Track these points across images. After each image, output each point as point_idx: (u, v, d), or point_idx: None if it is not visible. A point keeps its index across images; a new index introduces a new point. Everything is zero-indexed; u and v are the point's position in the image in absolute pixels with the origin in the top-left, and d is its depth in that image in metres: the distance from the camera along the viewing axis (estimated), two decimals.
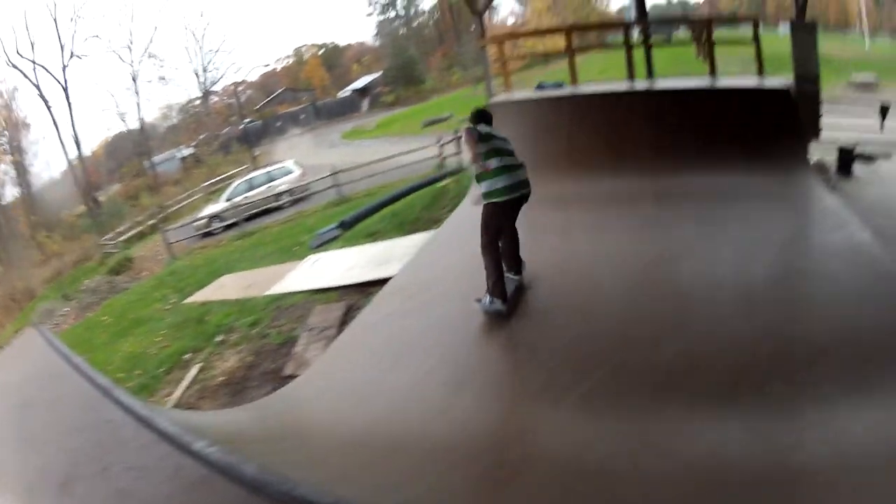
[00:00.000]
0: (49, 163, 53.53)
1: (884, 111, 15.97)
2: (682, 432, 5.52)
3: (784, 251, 8.79)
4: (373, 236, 16.00)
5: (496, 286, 7.71)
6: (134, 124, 54.62)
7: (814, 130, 12.94)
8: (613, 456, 5.36)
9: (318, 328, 10.96)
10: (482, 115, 8.39)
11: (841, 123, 16.42)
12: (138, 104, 54.69)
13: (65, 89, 48.36)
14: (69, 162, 49.67)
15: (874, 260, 8.09)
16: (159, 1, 76.69)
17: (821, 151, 13.99)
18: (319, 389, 7.63)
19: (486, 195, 7.69)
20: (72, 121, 49.30)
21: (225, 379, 10.44)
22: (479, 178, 7.75)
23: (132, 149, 53.50)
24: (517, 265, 8.35)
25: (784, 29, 16.93)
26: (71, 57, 48.41)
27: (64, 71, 48.32)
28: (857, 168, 13.67)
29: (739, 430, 5.38)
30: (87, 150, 52.49)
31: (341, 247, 15.94)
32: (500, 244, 7.92)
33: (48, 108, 48.31)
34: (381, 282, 10.74)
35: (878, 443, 5.09)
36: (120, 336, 15.46)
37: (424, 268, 10.33)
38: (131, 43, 52.46)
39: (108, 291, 24.82)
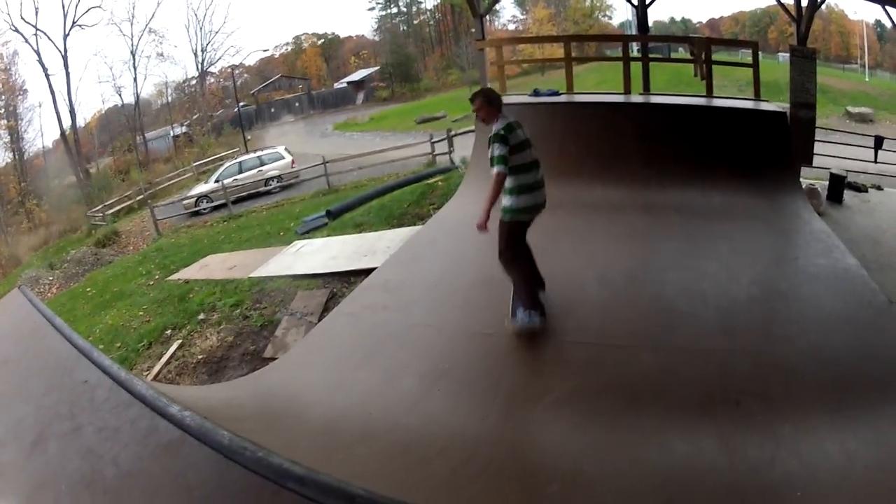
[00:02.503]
0: (42, 130, 53.16)
1: (878, 143, 16.26)
2: (655, 443, 5.53)
3: (767, 272, 8.89)
4: (359, 227, 15.97)
5: (531, 298, 7.28)
6: (129, 99, 54.39)
7: (807, 156, 12.96)
8: (585, 460, 5.38)
9: (300, 313, 10.99)
10: (498, 102, 7.39)
11: (834, 152, 16.57)
12: (135, 79, 54.41)
13: (64, 58, 48.23)
14: (62, 131, 49.36)
15: (858, 287, 8.18)
16: None
17: (812, 178, 14.21)
18: (295, 374, 7.60)
19: (511, 211, 7.21)
20: (68, 90, 49.12)
21: (204, 357, 10.43)
22: (506, 193, 7.17)
23: (125, 123, 53.24)
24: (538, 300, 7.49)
25: (784, 56, 17.01)
26: (72, 26, 48.20)
27: (65, 39, 48.21)
28: (848, 196, 13.83)
29: (713, 444, 5.41)
30: (81, 121, 52.32)
31: (327, 235, 15.94)
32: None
33: (46, 75, 48.11)
34: (364, 272, 10.81)
35: (853, 464, 5.15)
36: (102, 308, 15.49)
37: (407, 262, 10.32)
38: (133, 17, 52.35)
39: (93, 263, 24.81)
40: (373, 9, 72.85)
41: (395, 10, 72.94)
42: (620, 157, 11.68)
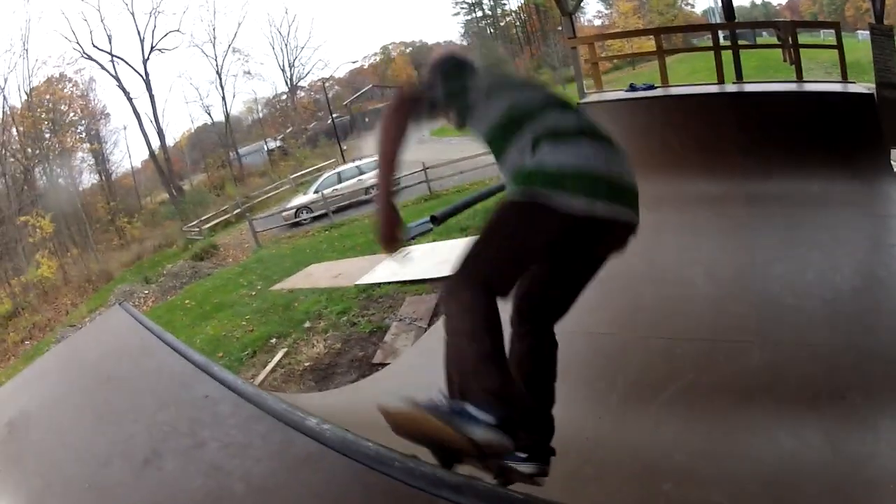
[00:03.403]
0: (130, 152, 54.34)
1: None
2: (764, 439, 5.20)
3: (867, 260, 8.56)
4: (465, 231, 16.07)
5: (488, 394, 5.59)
6: (219, 117, 55.35)
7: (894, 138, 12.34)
8: (698, 458, 5.09)
9: (409, 319, 10.91)
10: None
11: None
12: (223, 97, 55.38)
13: (146, 81, 49.08)
14: (151, 151, 50.42)
15: None
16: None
17: None
18: (411, 378, 7.17)
19: (541, 178, 6.17)
20: (154, 112, 50.03)
21: (311, 364, 10.40)
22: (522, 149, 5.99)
23: (217, 140, 54.20)
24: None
25: (863, 34, 16.52)
26: (151, 50, 49.15)
27: (145, 64, 49.02)
28: None
29: (818, 440, 5.13)
30: (170, 141, 53.43)
31: (433, 241, 15.96)
32: None
33: (129, 99, 49.10)
34: None
35: None
36: (202, 319, 15.62)
37: None
38: (214, 38, 53.09)
39: (190, 276, 25.21)
40: (457, 14, 73.58)
41: (479, 13, 73.36)
42: (720, 149, 11.17)
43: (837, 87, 12.96)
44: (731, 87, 13.69)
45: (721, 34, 15.81)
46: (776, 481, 4.71)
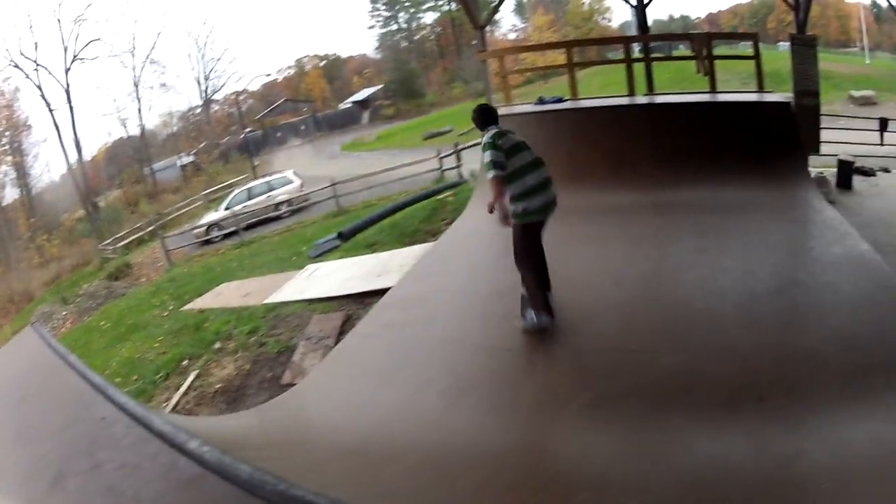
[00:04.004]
0: (49, 165, 53.44)
1: (883, 125, 16.53)
2: (682, 444, 5.49)
3: (784, 263, 8.92)
4: (371, 247, 16.04)
5: (538, 300, 7.49)
6: (135, 130, 54.76)
7: (814, 144, 12.96)
8: (613, 467, 5.35)
9: (316, 337, 10.96)
10: (490, 114, 7.81)
11: (841, 138, 16.77)
12: (139, 110, 55.30)
13: (67, 92, 48.70)
14: (69, 165, 49.70)
15: (874, 271, 8.20)
16: (162, 6, 77.47)
17: (821, 165, 14.36)
18: (317, 398, 7.60)
19: (521, 216, 7.38)
20: (73, 124, 49.50)
21: (222, 386, 10.47)
22: (514, 199, 7.35)
23: (132, 155, 53.54)
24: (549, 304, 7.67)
25: (784, 46, 17.10)
26: (73, 59, 48.61)
27: (66, 73, 48.68)
28: (857, 181, 13.99)
29: (740, 441, 5.36)
30: (87, 155, 52.64)
31: (340, 257, 15.99)
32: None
33: (50, 110, 48.45)
34: (379, 293, 10.74)
35: (881, 452, 5.09)
36: (118, 341, 15.53)
37: (422, 279, 10.32)
38: (133, 48, 53.16)
39: (106, 296, 24.89)
40: (373, 27, 74.10)
41: (395, 26, 74.08)
42: (630, 160, 11.75)
43: (753, 97, 13.79)
44: (641, 99, 14.27)
45: (636, 48, 16.24)
46: (697, 486, 5.00)
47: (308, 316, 11.96)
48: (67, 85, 48.69)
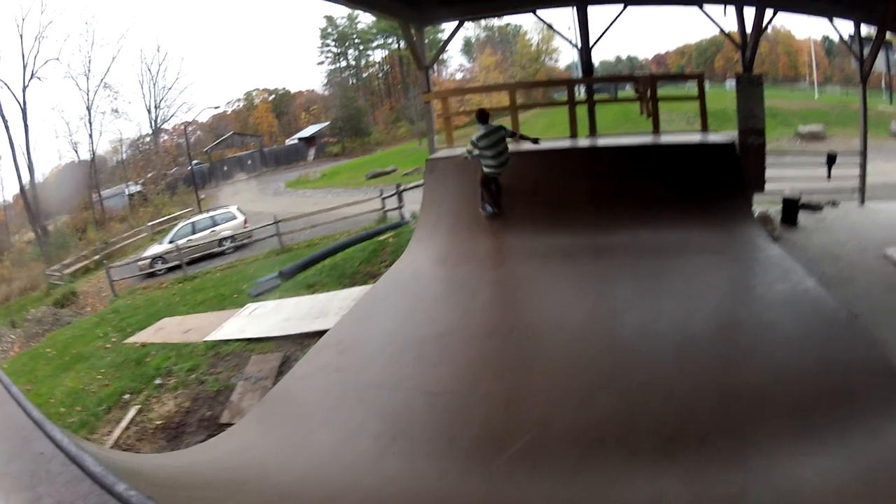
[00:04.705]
0: (3, 185, 52.34)
1: (830, 160, 16.77)
2: (618, 488, 5.51)
3: (725, 303, 9.04)
4: (311, 288, 16.18)
5: (492, 200, 12.11)
6: (85, 155, 53.75)
7: (759, 183, 13.28)
8: None
9: (255, 378, 11.08)
10: (481, 116, 12.09)
11: (787, 174, 17.30)
12: (91, 135, 53.80)
13: (23, 110, 46.98)
14: (22, 186, 48.58)
15: (819, 306, 8.37)
16: (119, 29, 76.41)
17: (767, 202, 14.62)
18: (254, 440, 7.42)
19: (484, 173, 11.91)
20: (27, 144, 48.07)
21: (163, 423, 10.46)
22: (483, 165, 11.91)
23: (82, 180, 52.61)
24: (499, 204, 12.20)
25: (732, 84, 17.38)
26: (31, 77, 47.39)
27: (24, 91, 47.09)
28: (804, 217, 14.22)
29: (679, 485, 5.36)
30: (39, 176, 51.60)
31: (280, 297, 16.08)
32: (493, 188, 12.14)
33: (6, 127, 47.35)
34: (318, 334, 10.79)
35: (828, 487, 5.16)
36: (63, 370, 15.40)
37: (359, 322, 10.11)
38: (89, 71, 51.39)
39: (52, 323, 24.57)
40: (322, 63, 73.01)
41: (343, 63, 73.10)
42: (570, 203, 11.82)
43: (696, 138, 14.05)
44: (582, 142, 14.49)
45: (582, 89, 16.48)
46: None
47: (247, 355, 12.07)
48: (24, 103, 47.17)
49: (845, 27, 17.18)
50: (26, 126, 47.98)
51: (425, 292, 10.54)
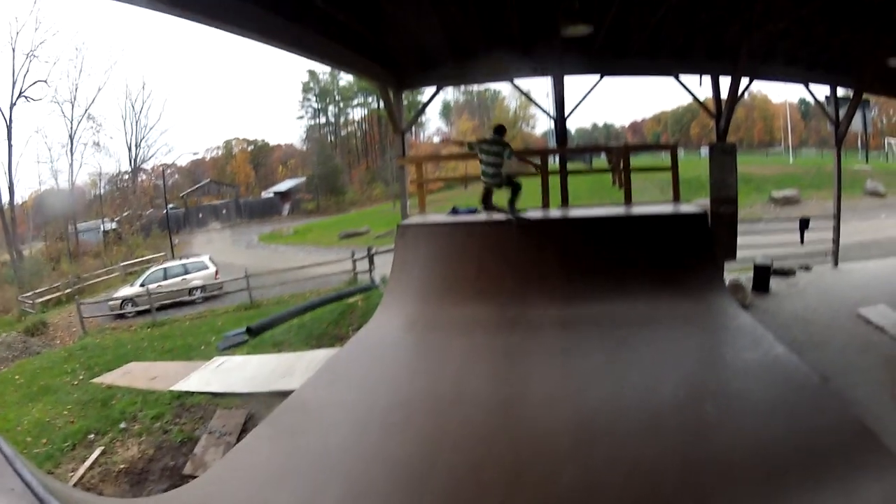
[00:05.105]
0: None
1: (803, 225, 16.84)
2: None
3: (694, 374, 8.84)
4: (278, 346, 16.24)
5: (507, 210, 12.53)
6: (64, 184, 53.19)
7: (730, 251, 13.45)
8: None
9: (219, 432, 11.18)
10: (496, 130, 12.69)
11: (761, 241, 17.16)
12: (71, 165, 53.28)
13: (9, 128, 46.95)
14: (0, 206, 47.95)
15: (790, 373, 8.27)
16: (108, 61, 76.21)
17: (739, 269, 14.95)
18: (214, 495, 6.90)
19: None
20: (9, 164, 47.48)
21: (126, 467, 10.57)
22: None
23: (59, 209, 52.03)
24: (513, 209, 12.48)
25: (706, 151, 17.64)
26: (19, 96, 46.98)
27: (11, 109, 47.01)
28: (776, 283, 14.45)
29: None
30: (18, 199, 51.00)
31: (247, 353, 16.11)
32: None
33: None
34: (283, 394, 10.59)
35: None
36: (30, 399, 15.43)
37: (325, 386, 9.67)
38: (74, 98, 51.48)
39: (22, 350, 24.34)
40: (302, 117, 73.49)
41: (323, 119, 73.56)
42: (540, 274, 11.69)
43: (668, 209, 13.83)
44: (554, 213, 14.28)
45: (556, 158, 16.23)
46: None
47: (212, 409, 12.15)
48: (10, 121, 47.14)
49: (821, 90, 17.44)
50: (10, 145, 47.78)
51: (391, 359, 10.36)
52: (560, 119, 15.87)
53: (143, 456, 10.88)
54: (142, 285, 28.99)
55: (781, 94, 74.64)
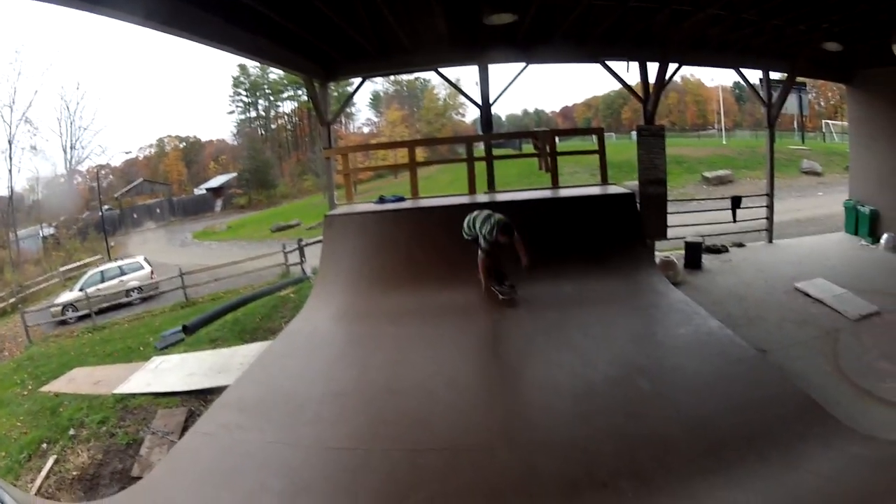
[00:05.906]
0: None
1: (735, 203, 17.18)
2: None
3: (626, 352, 8.88)
4: (214, 343, 16.34)
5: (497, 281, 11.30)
6: (2, 191, 52.33)
7: (660, 230, 13.69)
8: None
9: (161, 432, 11.37)
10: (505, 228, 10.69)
11: (694, 220, 17.37)
12: (10, 170, 52.64)
13: None
14: None
15: (725, 347, 8.49)
16: (44, 63, 74.54)
17: (670, 248, 15.29)
18: (160, 496, 6.86)
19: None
20: None
21: (79, 474, 10.73)
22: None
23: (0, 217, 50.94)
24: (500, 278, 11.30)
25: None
26: None
27: None
28: (708, 260, 14.76)
29: None
30: None
31: (184, 351, 16.13)
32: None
33: None
34: (220, 390, 10.60)
35: None
36: None
37: (258, 379, 9.61)
38: (13, 103, 50.74)
39: None
40: (232, 112, 72.98)
41: (254, 113, 72.92)
42: (468, 259, 11.37)
43: (594, 191, 14.18)
44: (480, 198, 14.32)
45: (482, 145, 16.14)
46: None
47: (154, 409, 12.29)
48: None
49: (755, 74, 17.73)
50: None
51: (323, 350, 10.26)
52: (486, 107, 15.93)
53: (92, 461, 10.97)
54: (81, 290, 28.64)
55: (716, 77, 75.16)
